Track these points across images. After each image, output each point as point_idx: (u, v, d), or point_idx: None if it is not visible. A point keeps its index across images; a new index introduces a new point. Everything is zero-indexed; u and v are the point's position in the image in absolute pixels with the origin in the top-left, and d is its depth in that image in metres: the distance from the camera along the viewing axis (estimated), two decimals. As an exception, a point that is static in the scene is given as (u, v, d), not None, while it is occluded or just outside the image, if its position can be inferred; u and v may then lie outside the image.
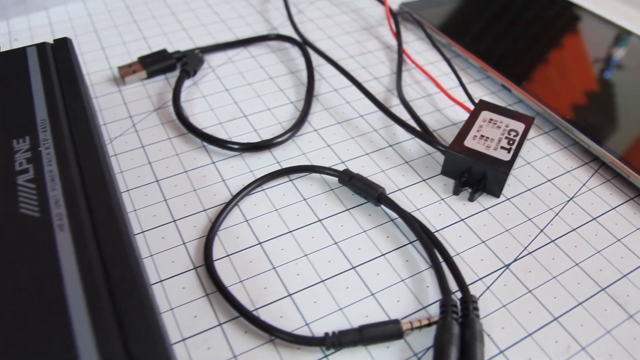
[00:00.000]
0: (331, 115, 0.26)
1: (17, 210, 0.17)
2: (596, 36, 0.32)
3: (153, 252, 0.20)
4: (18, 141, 0.19)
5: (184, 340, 0.17)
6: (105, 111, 0.26)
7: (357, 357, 0.17)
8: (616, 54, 0.30)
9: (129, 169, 0.23)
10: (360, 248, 0.20)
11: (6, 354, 0.13)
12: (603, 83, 0.28)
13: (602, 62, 0.30)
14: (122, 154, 0.24)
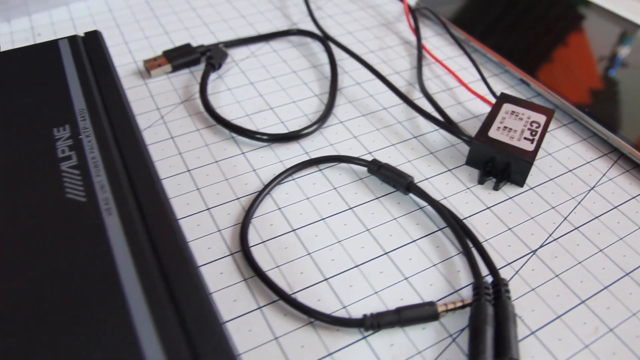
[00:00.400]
0: (355, 108, 0.27)
1: (64, 196, 0.17)
2: (611, 29, 0.33)
3: (189, 239, 0.20)
4: (58, 129, 0.20)
5: (226, 323, 0.18)
6: (132, 103, 0.27)
7: (394, 338, 0.18)
8: (632, 46, 0.31)
9: (160, 159, 0.24)
10: (392, 235, 0.21)
11: (68, 339, 0.13)
12: (620, 75, 0.29)
13: (618, 54, 0.30)
14: (152, 145, 0.24)
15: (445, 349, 0.17)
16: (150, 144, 0.24)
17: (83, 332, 0.13)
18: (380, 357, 0.17)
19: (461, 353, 0.17)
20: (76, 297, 0.14)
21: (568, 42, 0.31)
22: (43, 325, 0.13)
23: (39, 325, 0.13)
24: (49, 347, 0.13)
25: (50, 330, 0.13)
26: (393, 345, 0.17)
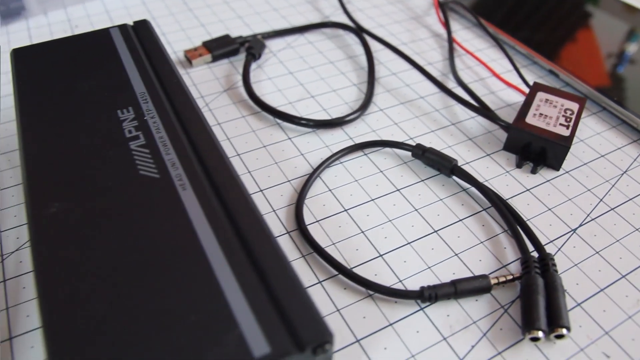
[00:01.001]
0: (393, 97, 0.28)
1: (137, 172, 0.18)
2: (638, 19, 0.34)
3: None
4: (122, 111, 0.20)
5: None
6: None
7: (449, 309, 0.18)
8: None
9: (210, 144, 0.25)
10: (439, 214, 0.22)
11: (164, 305, 0.14)
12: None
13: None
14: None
15: (498, 319, 0.18)
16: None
17: (176, 297, 0.14)
18: (438, 326, 0.18)
19: (513, 323, 0.18)
20: (165, 266, 0.15)
21: (596, 32, 0.32)
22: (142, 293, 0.14)
23: (139, 293, 0.14)
24: (148, 313, 0.14)
25: (147, 298, 0.14)
26: (449, 315, 0.18)
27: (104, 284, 0.14)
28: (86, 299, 0.14)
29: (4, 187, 0.24)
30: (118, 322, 0.14)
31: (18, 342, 0.18)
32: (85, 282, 0.14)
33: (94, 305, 0.14)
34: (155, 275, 0.15)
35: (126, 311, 0.14)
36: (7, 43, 0.33)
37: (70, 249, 0.15)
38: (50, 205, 0.17)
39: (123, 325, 0.14)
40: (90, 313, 0.14)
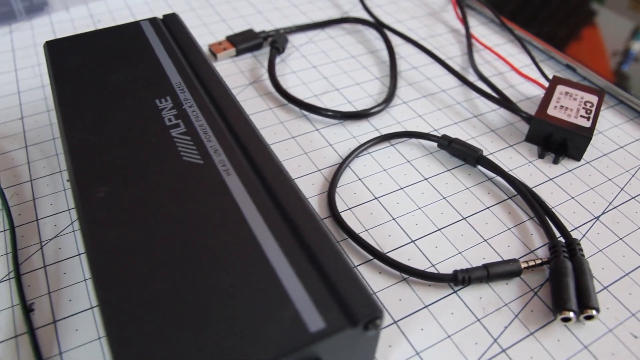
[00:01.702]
0: (416, 90, 0.28)
1: (181, 159, 0.18)
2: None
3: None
4: (160, 100, 0.21)
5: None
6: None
7: (481, 292, 0.19)
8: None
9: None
10: (467, 202, 0.22)
11: (217, 292, 0.14)
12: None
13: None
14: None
15: (529, 302, 0.19)
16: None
17: (230, 277, 0.14)
18: (471, 308, 0.19)
19: (543, 305, 0.19)
20: (215, 248, 0.15)
21: (613, 27, 0.33)
22: (195, 273, 0.15)
23: (193, 273, 0.14)
24: (203, 292, 0.14)
25: (201, 278, 0.14)
26: (482, 298, 0.19)
27: (157, 265, 0.15)
28: (140, 278, 0.14)
29: (39, 177, 0.24)
30: (174, 301, 0.14)
31: (62, 326, 0.18)
32: (138, 263, 0.15)
33: (148, 285, 0.14)
34: (207, 256, 0.15)
35: (181, 290, 0.14)
36: (31, 37, 0.34)
37: (121, 230, 0.16)
38: (98, 189, 0.17)
39: (179, 304, 0.14)
40: (145, 292, 0.14)
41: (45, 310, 0.19)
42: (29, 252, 0.21)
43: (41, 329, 0.18)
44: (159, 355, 0.13)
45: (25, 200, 0.23)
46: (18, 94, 0.29)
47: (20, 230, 0.21)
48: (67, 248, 0.21)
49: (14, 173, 0.24)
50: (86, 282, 0.20)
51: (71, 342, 0.18)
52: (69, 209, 0.22)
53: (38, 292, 0.19)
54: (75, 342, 0.18)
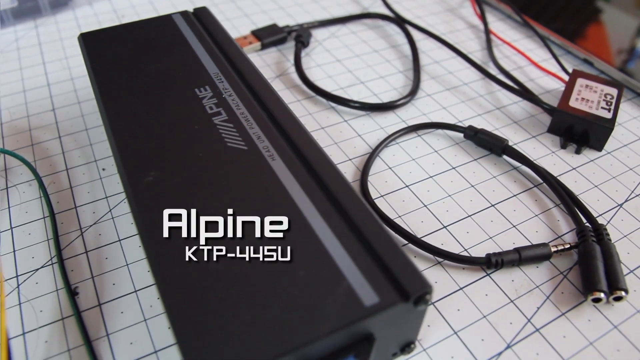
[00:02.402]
0: (439, 83, 0.29)
1: (225, 145, 0.19)
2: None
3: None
4: (200, 90, 0.21)
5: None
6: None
7: (513, 275, 0.20)
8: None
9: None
10: (494, 190, 0.23)
11: (272, 271, 0.15)
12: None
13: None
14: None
15: (559, 284, 0.20)
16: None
17: (285, 256, 0.15)
18: (504, 290, 0.19)
19: (573, 287, 0.19)
20: (267, 229, 0.15)
21: (629, 21, 0.34)
22: (250, 252, 0.15)
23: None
24: (258, 271, 0.15)
25: (256, 257, 0.15)
26: (514, 280, 0.20)
27: (212, 244, 0.15)
28: (195, 257, 0.15)
29: (74, 166, 0.24)
30: (231, 278, 0.14)
31: (107, 308, 0.19)
32: (192, 242, 0.15)
33: (203, 264, 0.15)
34: (260, 238, 0.15)
35: (238, 269, 0.15)
36: (57, 32, 0.34)
37: (173, 207, 0.16)
38: (147, 174, 0.18)
39: (237, 282, 0.14)
40: (202, 270, 0.15)
41: (90, 293, 0.19)
42: (69, 238, 0.21)
43: (87, 312, 0.19)
44: (225, 329, 0.13)
45: (63, 189, 0.23)
46: (48, 86, 0.29)
47: (59, 217, 0.22)
48: (107, 234, 0.21)
49: (49, 162, 0.25)
50: (128, 266, 0.20)
51: (117, 324, 0.18)
52: (106, 196, 0.23)
53: (81, 277, 0.20)
54: (121, 324, 0.18)
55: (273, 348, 0.13)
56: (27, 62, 0.31)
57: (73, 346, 0.18)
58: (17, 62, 0.31)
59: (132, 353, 0.17)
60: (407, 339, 0.17)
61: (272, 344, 0.13)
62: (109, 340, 0.18)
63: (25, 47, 0.33)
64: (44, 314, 0.19)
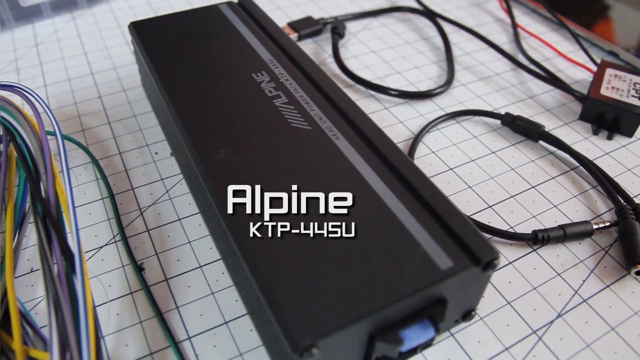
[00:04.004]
0: (471, 74, 0.30)
1: (289, 125, 0.20)
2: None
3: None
4: (257, 75, 0.22)
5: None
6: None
7: (558, 251, 0.21)
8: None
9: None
10: (534, 173, 0.24)
11: (350, 239, 0.15)
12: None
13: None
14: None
15: (601, 259, 0.21)
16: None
17: (361, 226, 0.16)
18: (551, 264, 0.20)
19: (614, 262, 0.21)
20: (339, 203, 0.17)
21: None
22: (326, 225, 0.16)
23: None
24: (336, 240, 0.15)
25: (332, 227, 0.16)
26: (559, 256, 0.21)
27: (288, 219, 0.16)
28: (259, 233, 0.16)
29: (127, 150, 0.25)
30: (312, 248, 0.15)
31: (174, 283, 0.20)
32: (256, 218, 0.16)
33: (281, 235, 0.16)
34: (334, 212, 0.16)
35: (315, 239, 0.16)
36: (94, 24, 0.35)
37: (244, 182, 0.17)
38: (218, 152, 0.19)
39: (319, 251, 0.15)
40: (280, 241, 0.15)
41: (156, 269, 0.20)
42: (130, 217, 0.22)
43: (155, 286, 0.20)
44: (317, 294, 0.14)
45: (118, 172, 0.24)
46: (92, 75, 0.30)
47: (118, 198, 0.23)
48: (167, 214, 0.22)
49: (102, 147, 0.26)
50: (191, 244, 0.21)
51: (185, 297, 0.19)
52: (161, 178, 0.24)
53: (145, 254, 0.21)
54: (189, 298, 0.19)
55: (362, 308, 0.14)
56: (69, 52, 0.32)
57: (144, 318, 0.19)
58: (59, 52, 0.32)
59: (203, 324, 0.18)
60: (469, 306, 0.18)
61: (360, 304, 0.14)
62: (179, 312, 0.19)
63: (65, 39, 0.33)
64: (112, 289, 0.19)
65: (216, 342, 0.18)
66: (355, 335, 0.14)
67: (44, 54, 0.32)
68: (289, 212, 0.16)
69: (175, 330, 0.18)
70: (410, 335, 0.15)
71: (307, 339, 0.13)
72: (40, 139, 0.20)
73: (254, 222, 0.16)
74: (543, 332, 0.18)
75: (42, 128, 0.21)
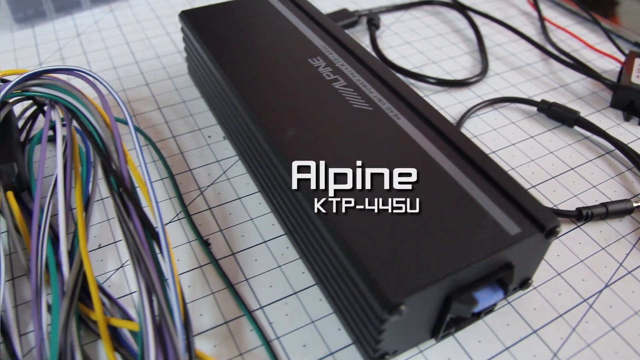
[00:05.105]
0: (504, 64, 0.31)
1: (351, 106, 0.21)
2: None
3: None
4: (313, 60, 0.23)
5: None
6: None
7: (600, 227, 0.22)
8: None
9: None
10: (571, 156, 0.25)
11: (429, 213, 0.16)
12: None
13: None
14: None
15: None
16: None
17: (427, 198, 0.17)
18: (595, 240, 0.21)
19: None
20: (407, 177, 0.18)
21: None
22: (395, 197, 0.17)
23: (392, 196, 0.17)
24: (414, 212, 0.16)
25: (410, 199, 0.17)
26: (602, 232, 0.22)
27: (341, 196, 0.17)
28: (324, 209, 0.16)
29: (180, 134, 0.26)
30: (395, 219, 0.16)
31: (241, 257, 0.21)
32: (320, 194, 0.17)
33: (346, 210, 0.16)
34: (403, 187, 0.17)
35: (380, 214, 0.16)
36: (132, 15, 0.35)
37: (316, 161, 0.18)
38: (287, 130, 0.20)
39: (393, 221, 0.16)
40: (367, 215, 0.16)
41: (221, 244, 0.21)
42: (190, 196, 0.23)
43: (222, 260, 0.21)
44: (400, 256, 0.15)
45: (174, 154, 0.25)
46: (137, 64, 0.31)
47: (176, 179, 0.23)
48: (226, 193, 0.23)
49: (155, 130, 0.26)
50: (253, 221, 0.22)
51: (253, 270, 0.20)
52: (217, 160, 0.24)
53: (210, 230, 0.22)
54: (257, 270, 0.20)
55: (443, 269, 0.15)
56: (111, 42, 0.33)
57: (216, 290, 0.19)
58: (102, 42, 0.33)
59: (273, 295, 0.19)
60: (527, 275, 0.19)
61: (440, 266, 0.15)
62: (249, 284, 0.20)
63: (105, 29, 0.34)
64: (181, 263, 0.20)
65: (287, 311, 0.19)
66: (435, 295, 0.15)
67: (86, 43, 0.33)
68: (353, 187, 0.18)
69: (247, 301, 0.19)
70: (482, 297, 0.16)
71: (396, 297, 0.14)
72: (108, 119, 0.21)
73: (319, 197, 0.17)
74: (593, 301, 0.19)
75: (107, 107, 0.21)
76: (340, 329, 0.18)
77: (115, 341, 0.17)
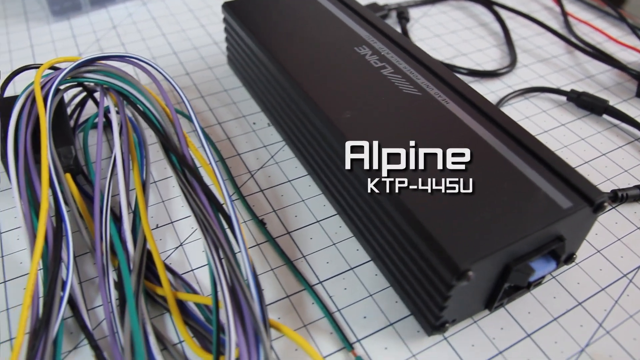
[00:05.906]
0: (531, 56, 0.32)
1: (401, 91, 0.21)
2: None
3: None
4: (359, 49, 0.24)
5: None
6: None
7: (635, 208, 0.23)
8: None
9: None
10: (602, 143, 0.26)
11: (486, 188, 0.17)
12: None
13: None
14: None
15: (673, 216, 0.23)
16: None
17: (483, 177, 0.17)
18: (630, 220, 0.22)
19: (684, 219, 0.23)
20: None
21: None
22: (450, 176, 0.18)
23: (448, 176, 0.17)
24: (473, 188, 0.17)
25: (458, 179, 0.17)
26: (636, 212, 0.23)
27: (409, 173, 0.18)
28: (377, 189, 0.17)
29: (225, 120, 0.27)
30: (444, 197, 0.17)
31: (296, 236, 0.21)
32: (374, 174, 0.18)
33: (399, 190, 0.17)
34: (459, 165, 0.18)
35: (433, 195, 0.17)
36: (165, 8, 0.36)
37: (372, 140, 0.18)
38: (344, 113, 0.20)
39: (451, 198, 0.17)
40: (406, 192, 0.17)
41: (276, 224, 0.22)
42: (242, 179, 0.24)
43: (278, 239, 0.21)
44: (463, 227, 0.16)
45: (221, 139, 0.26)
46: (175, 54, 0.32)
47: (227, 163, 0.24)
48: (276, 176, 0.24)
49: (201, 117, 0.27)
50: (305, 202, 0.23)
51: (309, 248, 0.21)
52: (264, 145, 0.25)
53: (264, 211, 0.23)
54: (313, 248, 0.21)
55: (504, 239, 0.15)
56: (147, 34, 0.34)
57: (275, 266, 0.20)
58: (138, 34, 0.34)
59: (330, 270, 0.20)
60: (573, 249, 0.20)
61: (501, 237, 0.16)
62: (306, 260, 0.21)
63: (140, 22, 0.35)
64: (237, 241, 0.21)
65: (346, 285, 0.20)
66: (497, 263, 0.16)
67: (123, 35, 0.34)
68: (407, 167, 0.19)
69: (306, 276, 0.20)
70: (537, 267, 0.17)
71: (464, 263, 0.15)
72: (164, 103, 0.21)
73: (372, 177, 0.17)
74: (632, 276, 0.20)
75: (163, 92, 0.22)
76: (397, 301, 0.19)
77: (184, 314, 0.18)
